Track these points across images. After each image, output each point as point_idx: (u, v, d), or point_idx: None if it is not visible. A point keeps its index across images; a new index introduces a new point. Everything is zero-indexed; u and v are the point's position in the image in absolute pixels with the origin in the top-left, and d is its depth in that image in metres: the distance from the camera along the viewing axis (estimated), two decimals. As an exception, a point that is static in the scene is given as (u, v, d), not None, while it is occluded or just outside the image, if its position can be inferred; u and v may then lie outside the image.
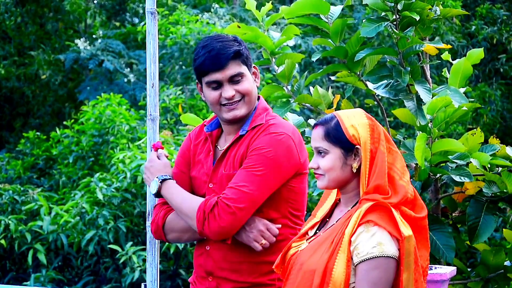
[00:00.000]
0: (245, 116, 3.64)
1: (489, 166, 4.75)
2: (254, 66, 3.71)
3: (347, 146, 3.16)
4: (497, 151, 4.81)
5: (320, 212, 3.33)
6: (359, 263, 3.01)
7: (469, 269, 5.22)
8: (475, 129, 4.79)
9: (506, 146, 4.81)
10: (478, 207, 4.81)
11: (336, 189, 3.31)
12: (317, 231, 3.27)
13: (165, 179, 3.66)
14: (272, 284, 3.55)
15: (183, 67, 14.56)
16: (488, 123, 15.56)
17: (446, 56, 5.38)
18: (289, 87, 5.33)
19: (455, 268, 4.44)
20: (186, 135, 11.38)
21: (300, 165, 3.60)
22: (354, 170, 3.16)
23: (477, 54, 5.17)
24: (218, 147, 3.72)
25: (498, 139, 4.94)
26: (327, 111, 5.29)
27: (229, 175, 3.56)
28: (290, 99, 5.31)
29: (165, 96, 12.83)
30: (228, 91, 3.59)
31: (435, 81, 13.54)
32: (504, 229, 5.16)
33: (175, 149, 10.48)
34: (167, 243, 9.49)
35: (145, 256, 9.47)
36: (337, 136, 3.16)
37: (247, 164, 3.50)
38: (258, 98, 3.75)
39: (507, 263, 5.07)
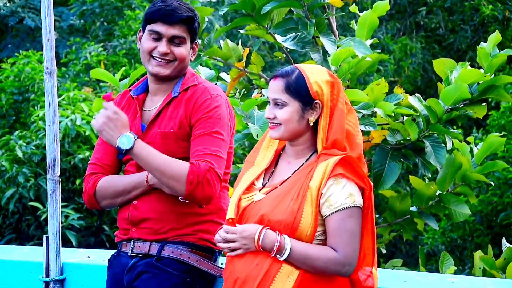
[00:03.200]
0: (168, 77, 3.70)
1: (393, 115, 4.89)
2: (195, 43, 3.78)
3: (307, 100, 3.22)
4: (401, 101, 4.95)
5: (261, 161, 3.38)
6: (332, 213, 3.13)
7: (377, 215, 5.38)
8: (379, 80, 4.91)
9: (410, 95, 4.95)
10: (383, 155, 4.95)
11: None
12: (267, 182, 3.32)
13: (137, 137, 3.57)
14: (194, 234, 3.63)
15: (105, 23, 14.44)
16: (409, 75, 15.83)
17: (353, 8, 5.48)
18: (199, 41, 5.37)
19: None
20: (107, 91, 11.35)
21: (234, 125, 3.75)
22: (311, 124, 3.24)
23: (382, 6, 5.30)
24: (144, 109, 3.76)
25: (418, 90, 5.07)
26: (237, 64, 5.37)
27: (165, 133, 3.63)
28: (200, 53, 5.36)
29: (87, 53, 12.73)
30: (164, 47, 3.66)
31: (353, 34, 13.67)
32: (410, 176, 5.32)
33: (97, 106, 10.44)
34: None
35: (67, 213, 9.49)
36: (298, 89, 3.22)
37: (209, 130, 3.58)
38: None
39: (413, 208, 5.24)
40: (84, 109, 10.00)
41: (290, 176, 3.26)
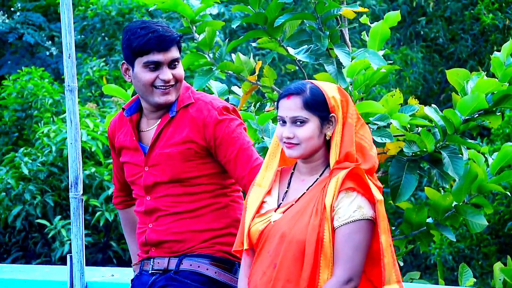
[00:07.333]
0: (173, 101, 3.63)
1: (409, 126, 4.86)
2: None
3: (325, 115, 3.20)
4: (416, 112, 4.92)
5: (261, 181, 3.34)
6: (339, 226, 3.09)
7: (393, 228, 5.34)
8: (394, 91, 4.89)
9: (426, 106, 4.92)
10: (400, 167, 4.90)
11: (276, 157, 3.35)
12: (281, 202, 3.27)
13: None
14: (212, 246, 3.60)
15: (106, 38, 14.43)
16: (410, 85, 15.85)
17: (364, 19, 5.45)
18: (211, 55, 5.34)
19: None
20: (111, 107, 11.33)
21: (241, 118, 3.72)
22: (328, 138, 3.22)
23: (393, 16, 5.26)
24: (141, 130, 3.69)
25: (418, 100, 5.04)
26: (249, 78, 5.33)
27: (169, 154, 3.57)
28: (212, 67, 5.32)
29: (88, 68, 12.73)
30: (167, 73, 3.55)
31: (358, 45, 13.72)
32: (426, 187, 5.28)
33: (101, 121, 10.43)
34: (96, 216, 9.49)
35: (74, 230, 9.44)
36: (316, 105, 3.19)
37: (241, 146, 3.56)
38: None
39: (429, 220, 5.20)
40: (89, 125, 9.96)
41: (305, 192, 3.23)
